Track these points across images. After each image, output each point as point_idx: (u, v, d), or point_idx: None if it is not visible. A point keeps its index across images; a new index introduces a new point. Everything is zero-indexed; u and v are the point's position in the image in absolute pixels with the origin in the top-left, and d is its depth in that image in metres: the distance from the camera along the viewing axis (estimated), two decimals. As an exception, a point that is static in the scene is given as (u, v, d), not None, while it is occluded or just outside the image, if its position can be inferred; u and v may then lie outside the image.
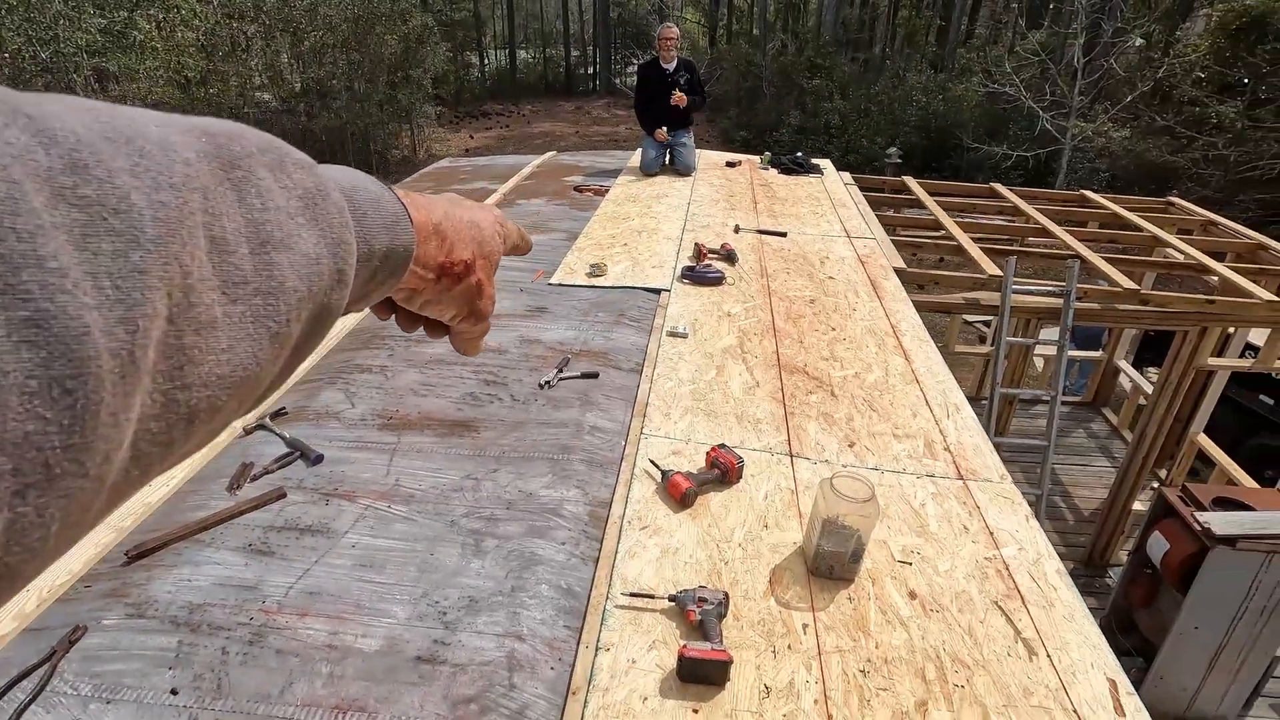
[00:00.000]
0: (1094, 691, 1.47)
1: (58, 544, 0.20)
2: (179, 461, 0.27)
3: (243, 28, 13.40)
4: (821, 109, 16.92)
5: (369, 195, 0.38)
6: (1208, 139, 12.21)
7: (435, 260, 0.45)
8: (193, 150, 0.26)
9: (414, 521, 1.83)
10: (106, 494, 0.22)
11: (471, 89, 25.31)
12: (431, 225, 0.44)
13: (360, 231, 0.36)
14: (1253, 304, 3.79)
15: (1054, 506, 5.24)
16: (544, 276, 3.46)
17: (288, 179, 0.30)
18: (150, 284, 0.22)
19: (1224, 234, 5.10)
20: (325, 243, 0.31)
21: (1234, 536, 3.07)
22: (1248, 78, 12.46)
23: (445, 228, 0.45)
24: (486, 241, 0.49)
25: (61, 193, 0.20)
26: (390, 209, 0.39)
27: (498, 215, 0.53)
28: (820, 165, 5.99)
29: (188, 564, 1.68)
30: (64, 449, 0.19)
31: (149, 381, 0.22)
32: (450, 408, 2.35)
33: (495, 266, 0.51)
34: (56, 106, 0.22)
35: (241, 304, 0.26)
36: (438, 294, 0.47)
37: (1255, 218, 10.88)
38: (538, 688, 1.41)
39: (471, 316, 0.50)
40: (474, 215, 0.49)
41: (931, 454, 2.23)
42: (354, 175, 0.38)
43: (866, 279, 3.58)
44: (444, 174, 6.06)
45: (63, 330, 0.19)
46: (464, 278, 0.47)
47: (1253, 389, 5.70)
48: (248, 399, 0.29)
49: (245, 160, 0.28)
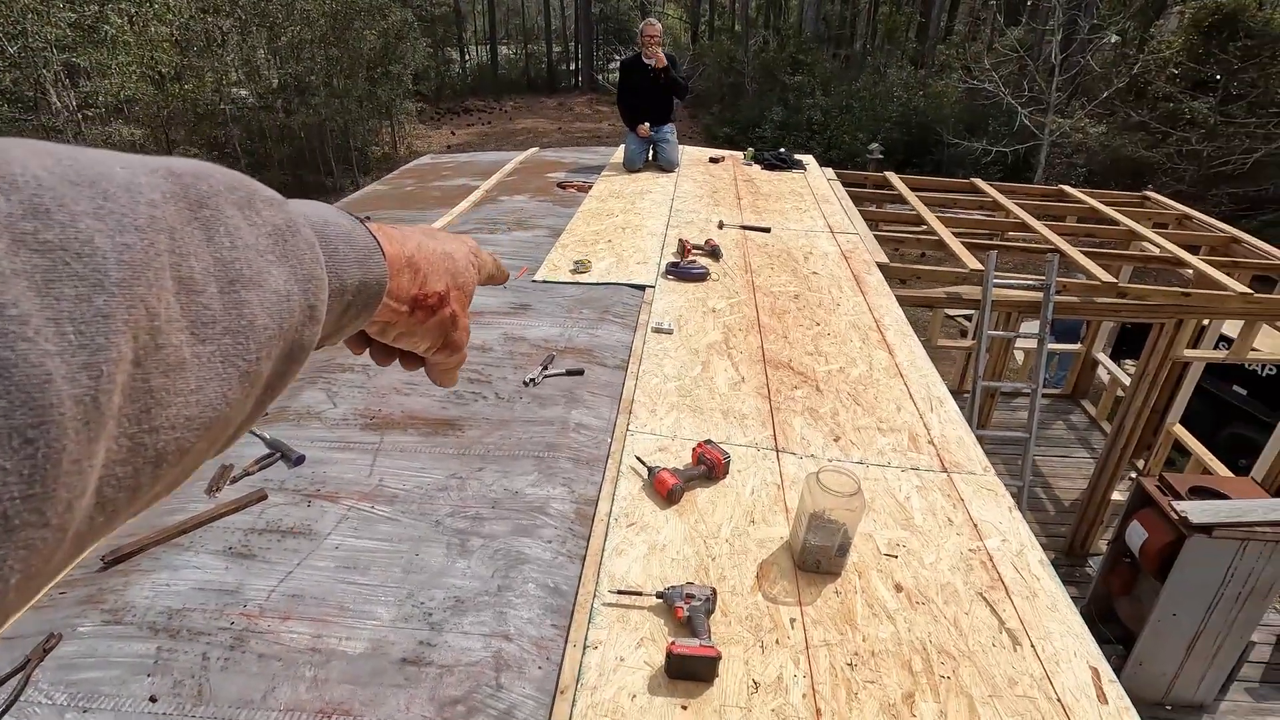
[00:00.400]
0: (1077, 680, 1.49)
1: (18, 596, 0.20)
2: (147, 506, 0.26)
3: (218, 22, 13.18)
4: (804, 105, 17.00)
5: (340, 229, 0.38)
6: (1181, 134, 12.43)
7: (409, 293, 0.45)
8: (159, 191, 0.25)
9: (398, 522, 1.81)
10: (70, 543, 0.22)
11: (453, 85, 25.12)
12: (404, 258, 0.44)
13: (332, 266, 0.36)
14: (1227, 296, 3.86)
15: (1035, 498, 5.31)
16: (528, 273, 3.44)
17: (257, 216, 0.30)
18: (115, 328, 0.21)
19: (1198, 227, 5.19)
20: (296, 279, 0.31)
21: (1210, 525, 3.13)
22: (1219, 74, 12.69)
23: (418, 260, 0.45)
24: (460, 273, 0.49)
25: (22, 239, 0.20)
26: (362, 242, 0.39)
27: (472, 246, 0.53)
28: (803, 161, 6.01)
29: (166, 568, 1.64)
30: (23, 499, 0.19)
31: (114, 426, 0.22)
32: (434, 406, 2.33)
33: (470, 297, 0.51)
34: (18, 151, 0.22)
35: (210, 344, 0.26)
36: (411, 327, 0.47)
37: (1227, 211, 11.10)
38: (525, 687, 1.40)
39: (446, 348, 0.50)
40: (448, 246, 0.49)
41: (916, 447, 2.25)
42: (324, 210, 0.38)
43: (850, 274, 3.60)
44: (426, 171, 6.00)
45: (23, 378, 0.19)
46: (438, 310, 0.47)
47: (1226, 380, 5.82)
48: (218, 439, 0.28)
49: (213, 199, 0.28)
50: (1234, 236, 4.85)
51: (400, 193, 5.28)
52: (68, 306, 0.20)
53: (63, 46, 10.18)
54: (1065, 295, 3.91)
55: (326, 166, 14.97)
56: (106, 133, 11.32)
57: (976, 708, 1.41)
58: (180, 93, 12.78)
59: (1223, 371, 5.72)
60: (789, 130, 16.52)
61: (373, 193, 5.46)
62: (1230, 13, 12.61)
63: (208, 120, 13.50)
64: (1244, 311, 3.91)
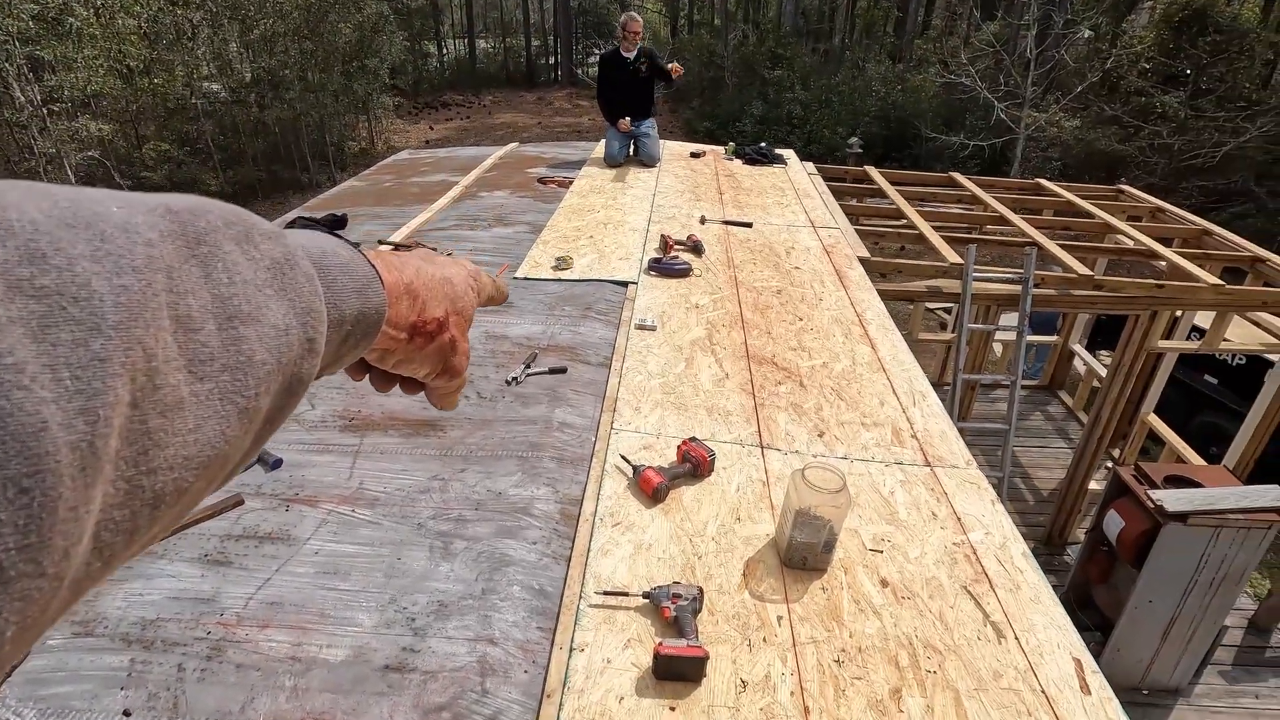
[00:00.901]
0: (1060, 671, 1.51)
1: (14, 648, 0.20)
2: (143, 549, 0.26)
3: (188, 14, 12.89)
4: (783, 99, 17.03)
5: (339, 260, 0.38)
6: (1153, 128, 12.64)
7: (407, 320, 0.44)
8: (156, 230, 0.25)
9: (379, 525, 1.78)
10: (66, 590, 0.21)
11: (430, 79, 24.83)
12: (403, 285, 0.44)
13: (330, 297, 0.36)
14: (1199, 288, 3.93)
15: (1014, 488, 5.39)
16: (509, 270, 3.40)
17: (255, 250, 0.30)
18: (112, 371, 0.21)
19: (1171, 220, 5.28)
20: (294, 312, 0.31)
21: (1185, 513, 3.19)
22: (1190, 69, 12.92)
23: (417, 286, 0.45)
24: (459, 297, 0.49)
25: (18, 285, 0.20)
26: (360, 272, 0.39)
27: (471, 270, 0.53)
28: (784, 156, 6.01)
29: (139, 577, 1.60)
30: (19, 550, 0.19)
31: (111, 470, 0.22)
32: (415, 407, 2.29)
33: (469, 321, 0.51)
34: (14, 195, 0.22)
35: (209, 381, 0.26)
36: (411, 353, 0.46)
37: (1197, 204, 11.31)
38: (511, 692, 1.38)
39: (446, 373, 0.50)
40: (446, 271, 0.49)
41: (899, 442, 2.26)
42: (323, 240, 0.39)
43: (832, 269, 3.61)
44: (404, 166, 5.92)
45: (18, 428, 0.18)
46: (437, 335, 0.47)
47: (1198, 370, 5.94)
48: (216, 477, 0.28)
49: (210, 235, 0.28)
50: (1206, 229, 4.93)
51: (378, 189, 5.20)
52: (64, 352, 0.20)
53: (26, 39, 9.89)
54: (1043, 288, 3.95)
55: (302, 162, 14.73)
56: (73, 128, 11.01)
57: (962, 701, 1.42)
58: (150, 87, 12.48)
59: (1195, 362, 5.84)
60: (769, 125, 16.55)
61: (350, 189, 5.38)
62: (1200, 8, 12.84)
63: (179, 115, 13.20)
64: (1216, 303, 3.98)
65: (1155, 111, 12.77)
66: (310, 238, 0.38)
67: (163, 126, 13.43)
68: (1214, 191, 12.21)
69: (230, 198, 9.43)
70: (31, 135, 9.77)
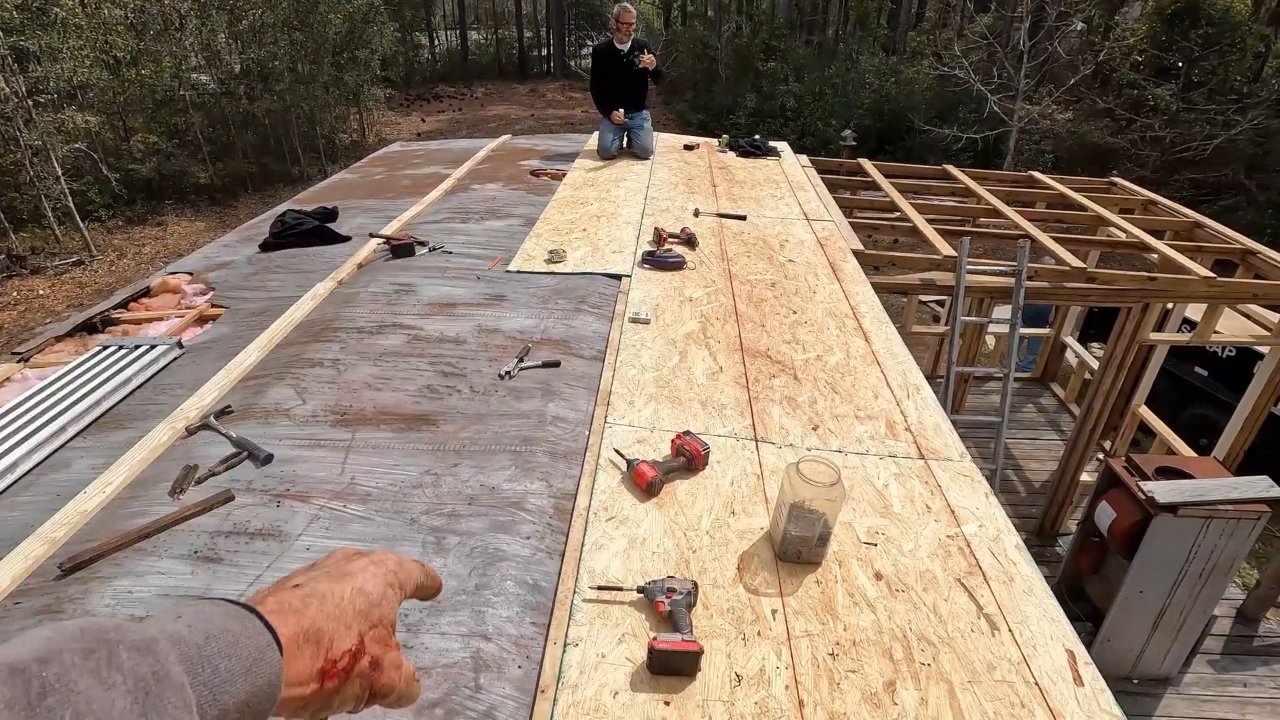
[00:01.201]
0: (1054, 663, 1.51)
1: None
2: None
3: (175, 5, 12.72)
4: (777, 92, 16.98)
5: (225, 642, 0.37)
6: (1145, 121, 12.66)
7: (312, 670, 0.43)
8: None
9: (371, 521, 1.77)
10: None
11: (422, 71, 24.64)
12: (303, 632, 0.42)
13: (210, 693, 0.35)
14: (1190, 280, 3.94)
15: (1007, 480, 5.41)
16: (501, 263, 3.38)
17: (117, 674, 0.30)
18: None
19: (1163, 213, 5.29)
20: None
21: (1175, 504, 3.21)
22: (1181, 61, 12.94)
23: (319, 624, 0.43)
24: (374, 608, 0.47)
25: None
26: (248, 648, 0.38)
27: (391, 566, 0.51)
28: (778, 148, 6.00)
29: (128, 575, 1.58)
30: None
31: None
32: (407, 401, 2.28)
33: (392, 627, 0.49)
34: None
35: None
36: (327, 698, 0.44)
37: (1189, 196, 11.35)
38: (505, 688, 1.37)
39: (377, 697, 0.48)
40: (358, 582, 0.47)
41: (893, 435, 2.26)
42: (210, 619, 0.37)
43: (826, 262, 3.60)
44: (395, 159, 5.87)
45: None
46: (352, 668, 0.45)
47: (1188, 362, 5.97)
48: None
49: (61, 681, 0.28)
50: (1197, 221, 4.95)
51: (369, 181, 5.16)
52: None
53: (9, 29, 9.73)
54: (1036, 280, 3.96)
55: (293, 155, 14.59)
56: (59, 120, 10.86)
57: (956, 694, 1.42)
58: (137, 78, 12.32)
59: (1185, 354, 5.87)
60: (763, 117, 16.51)
61: (341, 181, 5.33)
62: (1191, 1, 12.85)
63: (167, 107, 13.03)
64: (1207, 295, 4.00)
65: (1147, 104, 12.80)
66: (198, 615, 0.37)
67: (151, 118, 13.26)
68: (1205, 184, 12.25)
69: (220, 190, 9.29)
70: (17, 127, 9.63)
